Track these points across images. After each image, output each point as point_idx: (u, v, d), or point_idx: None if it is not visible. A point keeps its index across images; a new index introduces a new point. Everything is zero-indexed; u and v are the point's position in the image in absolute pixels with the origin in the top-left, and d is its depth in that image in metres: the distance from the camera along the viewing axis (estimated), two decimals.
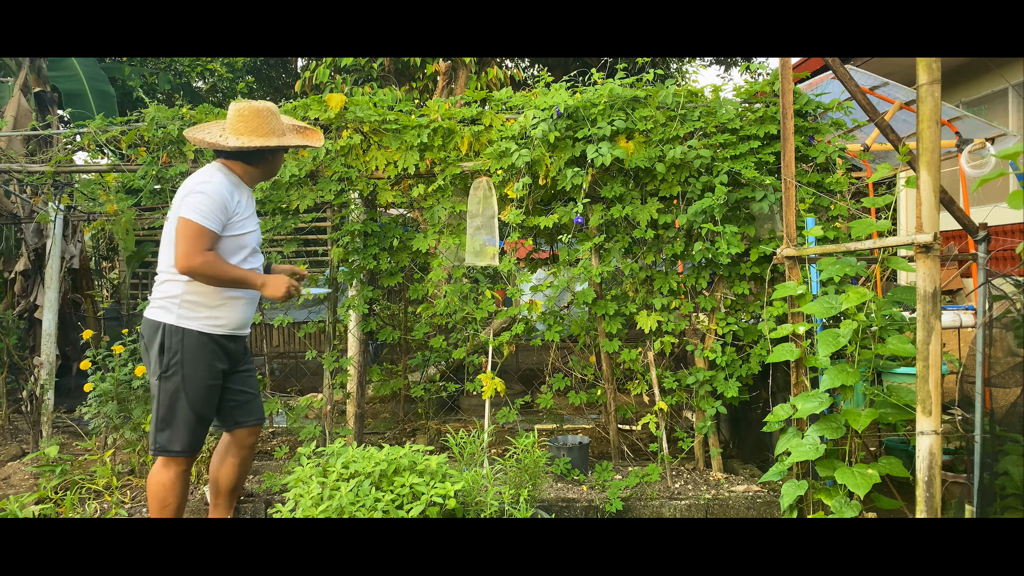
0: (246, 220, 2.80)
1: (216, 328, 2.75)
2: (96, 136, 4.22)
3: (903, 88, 5.19)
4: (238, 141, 2.74)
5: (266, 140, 2.78)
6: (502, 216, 3.85)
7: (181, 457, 2.76)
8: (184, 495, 2.82)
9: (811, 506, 2.68)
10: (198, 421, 2.76)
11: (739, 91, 3.91)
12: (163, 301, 2.73)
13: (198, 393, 2.73)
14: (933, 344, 2.00)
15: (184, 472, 2.80)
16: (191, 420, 2.73)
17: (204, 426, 2.81)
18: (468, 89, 7.94)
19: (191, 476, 3.71)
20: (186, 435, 2.74)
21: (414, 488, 2.57)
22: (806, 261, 3.10)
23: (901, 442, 3.49)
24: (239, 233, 2.77)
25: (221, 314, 2.76)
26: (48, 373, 4.54)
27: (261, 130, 2.78)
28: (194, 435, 2.77)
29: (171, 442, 2.73)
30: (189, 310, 2.71)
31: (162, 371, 2.70)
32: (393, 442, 4.46)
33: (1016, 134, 5.59)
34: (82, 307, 6.34)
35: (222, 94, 13.47)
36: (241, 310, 2.84)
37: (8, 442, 4.61)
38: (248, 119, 2.77)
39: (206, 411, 2.79)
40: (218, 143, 2.76)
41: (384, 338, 4.19)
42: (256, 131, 2.77)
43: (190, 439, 2.75)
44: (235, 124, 2.78)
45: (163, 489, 2.77)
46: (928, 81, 1.98)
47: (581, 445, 3.81)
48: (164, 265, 2.76)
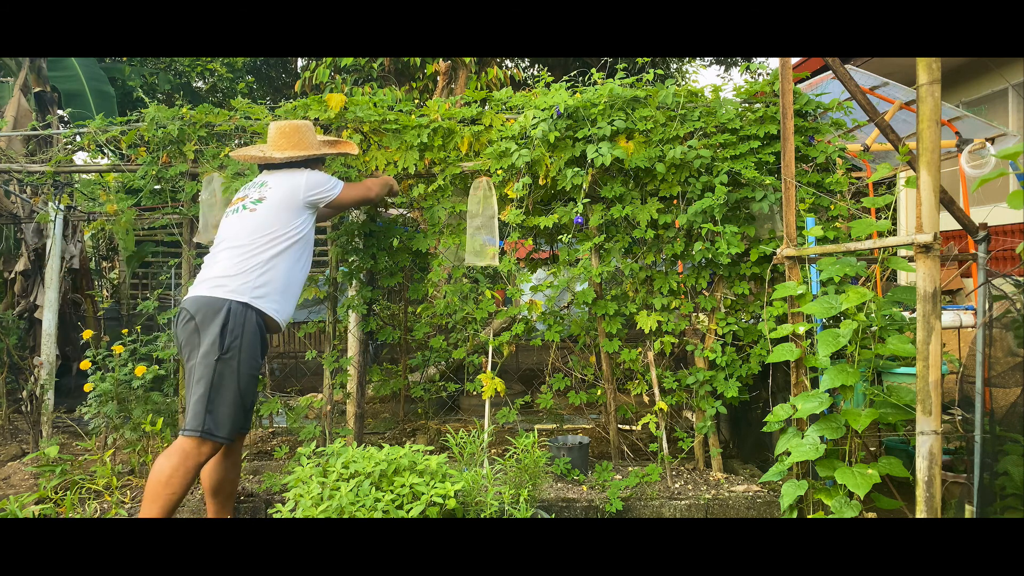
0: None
1: (276, 314, 2.87)
2: (96, 136, 4.22)
3: (903, 88, 5.19)
4: (283, 154, 3.08)
5: (307, 151, 3.13)
6: (502, 216, 3.85)
7: (215, 442, 2.72)
8: (188, 487, 2.72)
9: (811, 506, 2.68)
10: (244, 408, 2.81)
11: (739, 91, 3.91)
12: (227, 280, 2.79)
13: (246, 379, 2.79)
14: (933, 344, 2.00)
15: (200, 461, 2.71)
16: (237, 405, 2.76)
17: (248, 412, 2.87)
18: (468, 89, 7.94)
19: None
20: (230, 420, 2.75)
21: (414, 488, 2.57)
22: (806, 261, 3.10)
23: (901, 442, 3.49)
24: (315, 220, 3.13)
25: (283, 301, 2.90)
26: (48, 373, 4.54)
27: (303, 144, 3.13)
28: (237, 421, 2.79)
29: (216, 426, 2.71)
30: (268, 293, 2.83)
31: (221, 352, 2.72)
32: (393, 442, 4.46)
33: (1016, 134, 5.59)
34: (82, 307, 6.34)
35: (222, 94, 13.48)
36: (292, 302, 2.98)
37: (8, 442, 4.61)
38: (290, 135, 3.12)
39: (251, 398, 2.85)
40: (267, 156, 3.09)
41: (384, 338, 4.19)
42: (298, 145, 3.12)
43: (233, 424, 2.77)
44: (278, 140, 3.12)
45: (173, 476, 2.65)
46: (928, 81, 1.98)
47: (581, 445, 3.81)
48: (245, 245, 2.87)
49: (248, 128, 4.06)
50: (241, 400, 2.77)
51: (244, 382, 2.77)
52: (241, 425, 2.86)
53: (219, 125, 4.05)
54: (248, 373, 2.79)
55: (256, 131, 4.05)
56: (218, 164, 4.01)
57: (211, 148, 4.06)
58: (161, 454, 2.74)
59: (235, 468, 3.03)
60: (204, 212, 3.96)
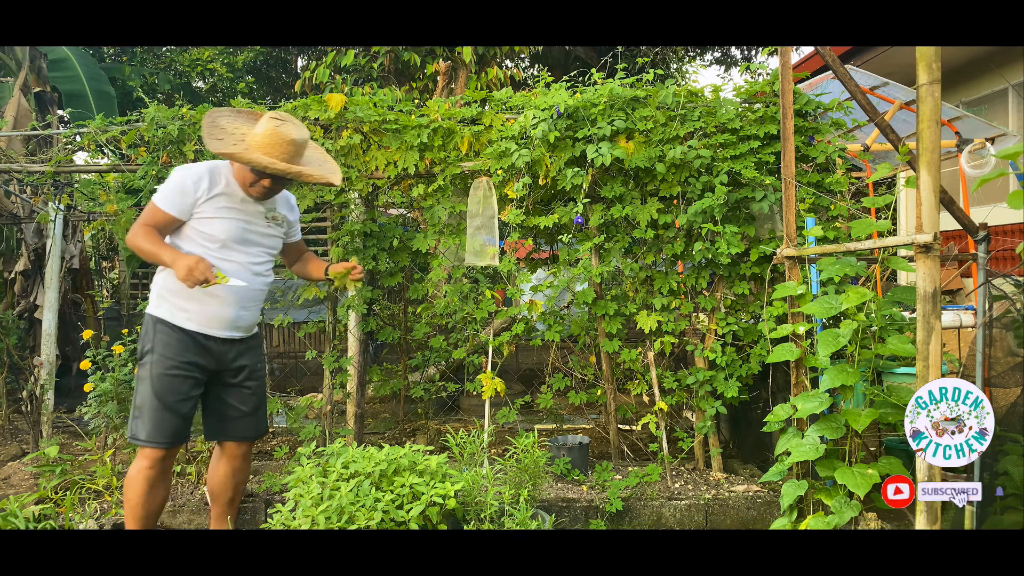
0: (221, 210, 2.73)
1: (185, 321, 2.73)
2: (96, 136, 4.22)
3: (903, 88, 5.19)
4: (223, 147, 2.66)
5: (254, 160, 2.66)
6: (502, 216, 3.85)
7: (148, 448, 2.70)
8: (150, 496, 2.74)
9: (811, 506, 2.68)
10: (163, 408, 2.69)
11: (739, 91, 3.91)
12: (152, 291, 2.82)
13: (160, 381, 2.69)
14: (933, 344, 2.00)
15: (149, 469, 2.71)
16: (154, 407, 2.69)
17: (173, 417, 2.71)
18: (468, 89, 7.94)
19: (191, 476, 3.72)
20: (148, 423, 2.69)
21: (414, 488, 2.57)
22: (806, 261, 3.10)
23: (901, 442, 3.49)
24: (206, 218, 2.71)
25: (189, 306, 2.72)
26: (48, 373, 4.54)
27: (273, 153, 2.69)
28: (156, 425, 2.69)
29: (138, 429, 2.72)
30: (163, 299, 2.76)
31: (138, 357, 2.78)
32: (393, 442, 4.46)
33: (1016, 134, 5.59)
34: (82, 307, 6.34)
35: (222, 94, 13.47)
36: (212, 307, 2.74)
37: (8, 442, 4.61)
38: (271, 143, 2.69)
39: (172, 401, 2.71)
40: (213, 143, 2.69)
41: (384, 338, 4.19)
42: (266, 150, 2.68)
43: (152, 427, 2.69)
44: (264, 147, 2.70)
45: (128, 486, 2.73)
46: (928, 81, 1.98)
47: (581, 445, 3.81)
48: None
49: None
50: (159, 402, 2.69)
51: (158, 383, 2.69)
52: (171, 431, 2.72)
53: None
54: (161, 374, 2.69)
55: None
56: None
57: None
58: None
59: (233, 475, 2.94)
60: None
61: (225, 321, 2.78)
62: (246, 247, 2.81)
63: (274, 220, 2.92)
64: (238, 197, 2.80)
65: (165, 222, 2.70)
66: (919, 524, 2.03)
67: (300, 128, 2.77)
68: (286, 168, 2.69)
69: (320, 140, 3.89)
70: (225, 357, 2.83)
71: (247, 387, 2.92)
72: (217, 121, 2.81)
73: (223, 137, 2.74)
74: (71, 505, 3.36)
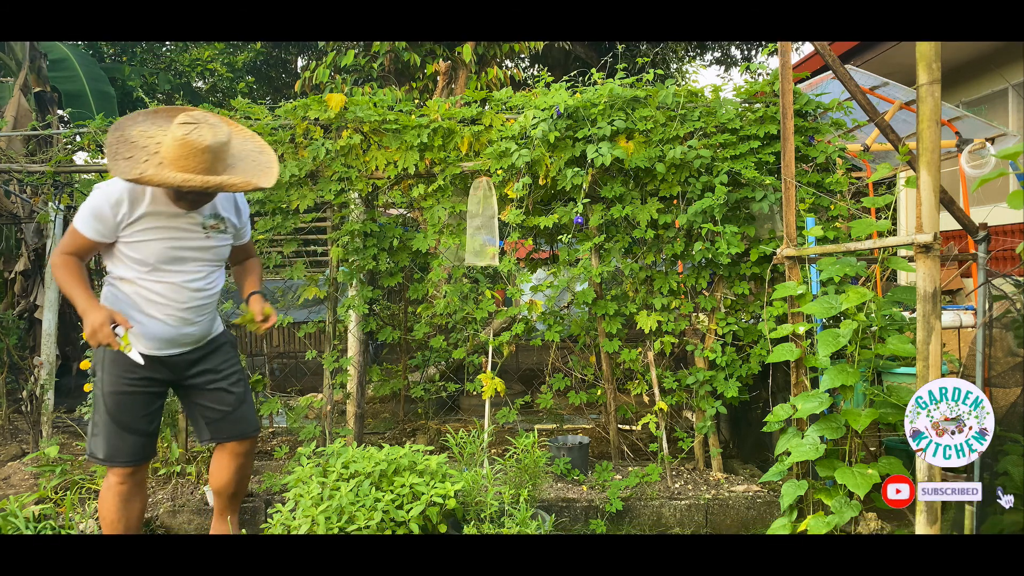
0: (148, 231, 2.52)
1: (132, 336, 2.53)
2: (96, 136, 4.22)
3: (903, 88, 5.19)
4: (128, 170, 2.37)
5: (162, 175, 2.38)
6: (502, 216, 3.85)
7: (110, 467, 2.64)
8: (126, 511, 2.68)
9: (811, 506, 2.68)
10: (118, 428, 2.59)
11: (739, 91, 3.91)
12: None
13: (112, 399, 2.58)
14: (933, 344, 2.00)
15: (120, 485, 2.65)
16: (108, 427, 2.60)
17: (129, 435, 2.61)
18: (468, 89, 7.93)
19: (191, 476, 3.72)
20: (104, 442, 2.60)
21: (414, 488, 2.57)
22: (806, 261, 3.10)
23: (901, 442, 3.49)
24: (132, 241, 2.52)
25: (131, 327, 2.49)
26: (48, 373, 4.54)
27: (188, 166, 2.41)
28: (113, 444, 2.60)
29: (96, 448, 2.63)
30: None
31: (90, 373, 2.70)
32: (393, 442, 4.46)
33: (1016, 134, 5.59)
34: None
35: (222, 94, 13.47)
36: (154, 327, 2.59)
37: (8, 442, 4.61)
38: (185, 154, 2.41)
39: (128, 420, 2.60)
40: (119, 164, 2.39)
41: (384, 338, 4.19)
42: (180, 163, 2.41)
43: (108, 447, 2.60)
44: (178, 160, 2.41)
45: (101, 501, 2.68)
46: (928, 81, 1.97)
47: (581, 445, 3.81)
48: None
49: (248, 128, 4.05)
50: (112, 421, 2.58)
51: (110, 402, 2.58)
52: (130, 450, 2.62)
53: None
54: (110, 392, 2.58)
55: (256, 131, 4.04)
56: None
57: None
58: None
59: (235, 472, 2.86)
60: None
61: (169, 341, 2.64)
62: (181, 265, 2.60)
63: (214, 228, 2.67)
64: (167, 213, 2.55)
65: (87, 247, 2.52)
66: (919, 524, 2.03)
67: (217, 129, 2.46)
68: (203, 182, 2.40)
69: (320, 140, 3.89)
70: (180, 367, 2.71)
71: (219, 387, 2.78)
72: (126, 133, 2.49)
73: (131, 154, 2.44)
74: (71, 505, 3.36)
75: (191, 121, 2.44)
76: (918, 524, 2.04)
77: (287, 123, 3.99)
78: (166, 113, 2.61)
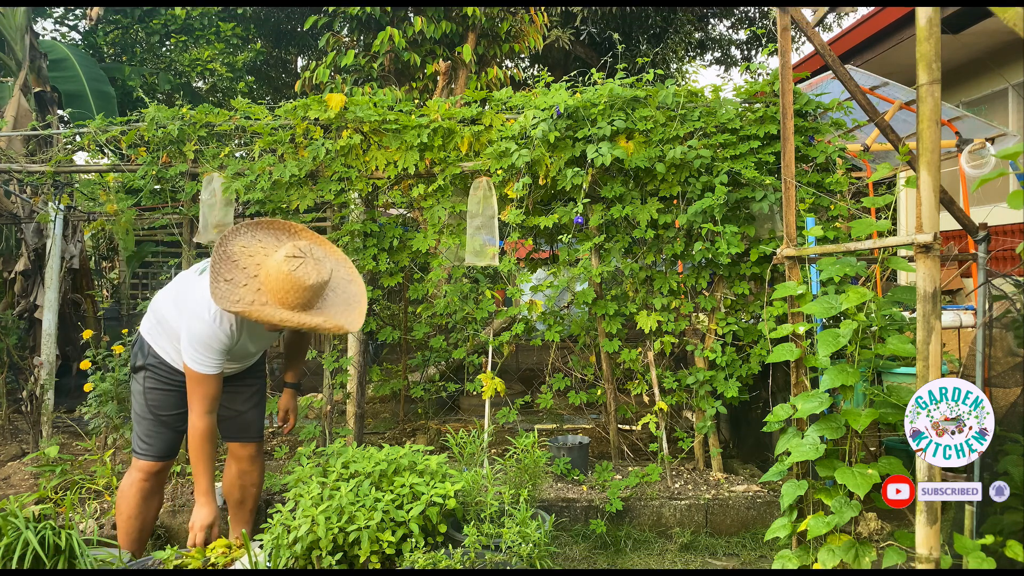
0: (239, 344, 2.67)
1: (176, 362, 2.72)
2: (96, 136, 4.22)
3: (903, 88, 5.19)
4: (233, 302, 2.39)
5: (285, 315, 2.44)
6: (502, 216, 3.85)
7: (143, 461, 2.75)
8: (145, 508, 2.78)
9: (811, 506, 2.68)
10: (158, 424, 2.74)
11: (739, 91, 3.91)
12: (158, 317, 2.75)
13: (154, 395, 2.73)
14: (933, 344, 2.00)
15: (144, 481, 2.76)
16: (149, 421, 2.74)
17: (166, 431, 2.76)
18: (468, 89, 7.93)
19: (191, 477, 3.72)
20: (145, 436, 2.75)
21: (414, 488, 2.57)
22: (806, 261, 3.10)
23: (901, 442, 3.49)
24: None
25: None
26: (48, 373, 4.54)
27: (287, 301, 2.45)
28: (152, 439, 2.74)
29: (136, 442, 2.76)
30: (166, 340, 2.71)
31: (131, 369, 2.78)
32: (393, 442, 4.46)
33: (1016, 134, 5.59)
34: (82, 307, 6.34)
35: (222, 94, 13.47)
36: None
37: (8, 442, 4.61)
38: (287, 290, 2.43)
39: (167, 416, 2.75)
40: (221, 288, 2.41)
41: (384, 338, 4.19)
42: (281, 297, 2.44)
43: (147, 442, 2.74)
44: (279, 293, 2.44)
45: (121, 496, 2.78)
46: (928, 81, 1.97)
47: (581, 445, 3.81)
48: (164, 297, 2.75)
49: (248, 128, 4.06)
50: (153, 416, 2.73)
51: (151, 397, 2.74)
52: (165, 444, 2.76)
53: (219, 125, 4.06)
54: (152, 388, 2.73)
55: (256, 131, 4.05)
56: (218, 164, 4.00)
57: (211, 148, 4.06)
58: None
59: (239, 477, 2.95)
60: (204, 212, 3.96)
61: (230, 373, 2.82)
62: (251, 347, 2.78)
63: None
64: (258, 329, 2.70)
65: (218, 384, 2.60)
66: (919, 524, 2.03)
67: (321, 265, 2.46)
68: (300, 323, 2.44)
69: (320, 140, 3.89)
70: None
71: (236, 392, 2.90)
72: (228, 249, 2.49)
73: (232, 276, 2.44)
74: (71, 505, 3.36)
75: (298, 255, 2.44)
76: (918, 524, 2.04)
77: (287, 123, 3.99)
78: (268, 227, 2.63)
